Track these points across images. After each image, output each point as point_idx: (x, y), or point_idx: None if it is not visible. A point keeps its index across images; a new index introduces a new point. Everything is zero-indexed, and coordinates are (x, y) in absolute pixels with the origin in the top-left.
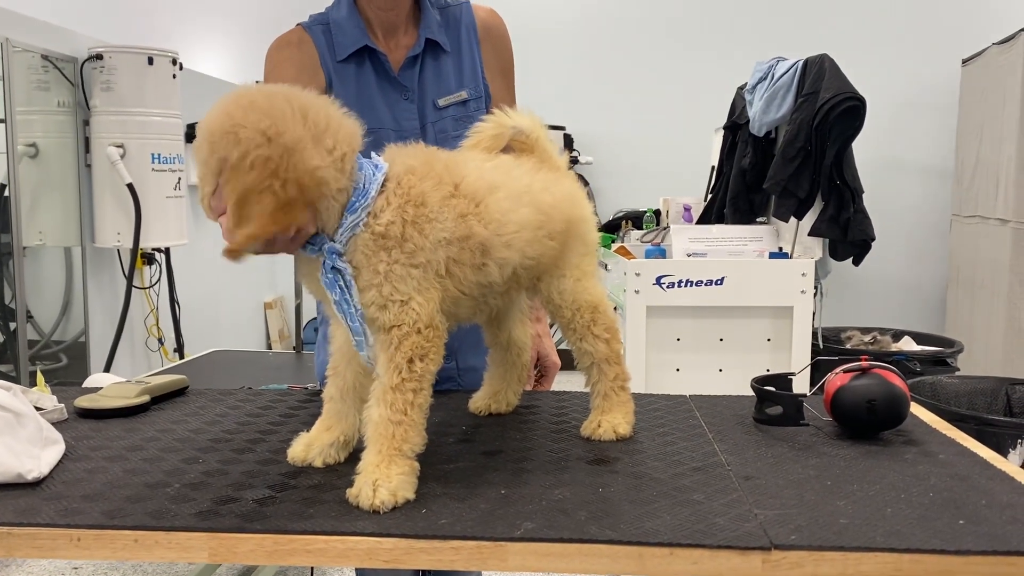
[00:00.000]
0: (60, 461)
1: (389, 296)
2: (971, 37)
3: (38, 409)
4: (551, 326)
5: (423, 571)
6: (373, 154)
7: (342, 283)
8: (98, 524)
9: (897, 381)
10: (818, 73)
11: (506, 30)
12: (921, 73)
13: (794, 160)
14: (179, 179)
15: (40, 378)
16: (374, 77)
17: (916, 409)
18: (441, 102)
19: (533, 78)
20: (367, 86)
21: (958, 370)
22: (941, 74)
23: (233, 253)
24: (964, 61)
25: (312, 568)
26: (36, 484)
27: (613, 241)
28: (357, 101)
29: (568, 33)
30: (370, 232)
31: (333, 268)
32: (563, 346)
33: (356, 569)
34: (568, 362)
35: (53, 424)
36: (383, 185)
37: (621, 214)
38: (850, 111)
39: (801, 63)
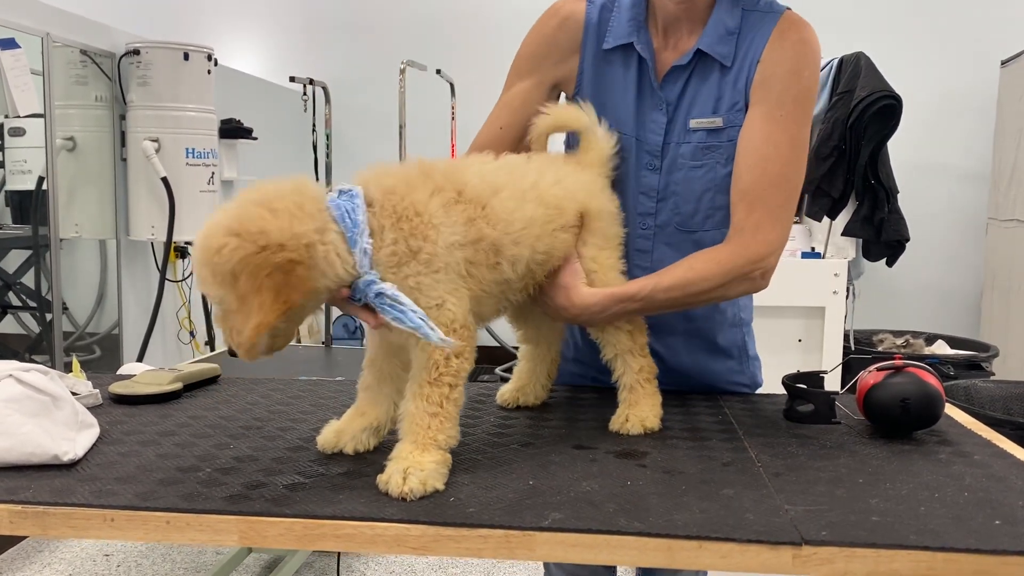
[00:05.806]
0: (94, 444)
1: (426, 305)
2: (1010, 38)
3: (74, 394)
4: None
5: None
6: (342, 184)
7: (389, 301)
8: (131, 505)
9: (932, 380)
10: (854, 71)
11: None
12: (959, 73)
13: (828, 159)
14: (212, 174)
15: (76, 364)
16: (635, 76)
17: (950, 410)
18: (692, 124)
19: None
20: (622, 84)
21: (993, 375)
22: (979, 75)
23: (248, 350)
24: (1003, 62)
25: (339, 556)
26: (71, 466)
27: None
28: (606, 96)
29: None
30: (384, 253)
31: (378, 294)
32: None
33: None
34: None
35: (88, 409)
36: (369, 207)
37: None
38: (886, 110)
39: (836, 61)
